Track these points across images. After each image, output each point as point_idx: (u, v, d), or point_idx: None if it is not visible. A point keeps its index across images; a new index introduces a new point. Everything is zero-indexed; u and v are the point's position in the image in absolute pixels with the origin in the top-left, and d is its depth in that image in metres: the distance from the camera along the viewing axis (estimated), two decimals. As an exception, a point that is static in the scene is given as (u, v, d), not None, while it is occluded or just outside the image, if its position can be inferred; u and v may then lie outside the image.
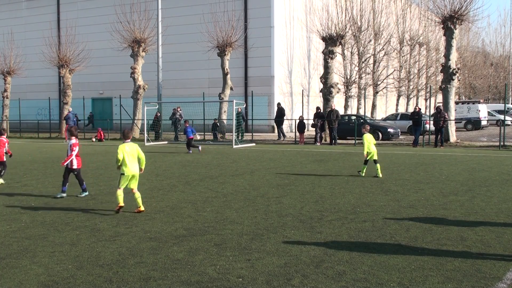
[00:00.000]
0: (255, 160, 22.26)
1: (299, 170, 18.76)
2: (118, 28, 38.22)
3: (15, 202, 12.91)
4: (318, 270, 7.41)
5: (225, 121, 36.45)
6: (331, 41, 33.60)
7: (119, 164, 11.44)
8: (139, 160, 11.62)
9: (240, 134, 33.45)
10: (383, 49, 47.96)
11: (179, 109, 35.75)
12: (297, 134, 32.97)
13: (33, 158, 24.23)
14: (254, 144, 31.37)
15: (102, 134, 36.82)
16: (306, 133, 33.42)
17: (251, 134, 35.61)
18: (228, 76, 36.51)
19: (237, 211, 11.49)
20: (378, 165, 16.97)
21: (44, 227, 10.16)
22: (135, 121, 38.18)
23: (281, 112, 35.47)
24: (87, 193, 13.85)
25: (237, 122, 32.24)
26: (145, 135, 32.70)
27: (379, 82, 47.12)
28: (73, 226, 10.21)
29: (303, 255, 8.14)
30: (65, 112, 39.65)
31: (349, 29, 39.56)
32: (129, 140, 11.69)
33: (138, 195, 11.46)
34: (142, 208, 11.46)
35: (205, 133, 36.59)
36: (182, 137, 35.65)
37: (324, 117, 32.25)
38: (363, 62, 45.02)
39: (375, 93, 47.32)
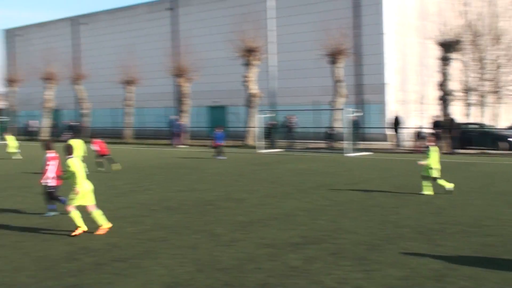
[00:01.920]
0: (369, 169, 21.88)
1: (416, 180, 18.16)
2: (232, 37, 39.12)
3: (137, 205, 13.53)
4: (439, 284, 7.14)
5: (338, 130, 36.15)
6: (447, 46, 32.39)
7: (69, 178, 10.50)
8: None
9: (353, 142, 33.01)
10: (506, 55, 45.49)
11: (292, 117, 35.95)
12: (414, 143, 32.04)
13: (153, 163, 25.29)
14: (368, 153, 30.88)
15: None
16: (422, 142, 32.34)
17: (364, 142, 35.06)
18: (340, 84, 36.23)
19: (352, 220, 11.33)
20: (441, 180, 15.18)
21: (166, 230, 10.56)
22: (249, 129, 38.81)
23: (397, 120, 34.76)
24: (54, 214, 12.27)
25: (350, 130, 31.88)
26: (259, 143, 33.16)
27: (501, 89, 44.73)
28: (193, 230, 10.54)
29: (423, 268, 7.87)
30: (177, 119, 41.30)
31: (466, 34, 37.97)
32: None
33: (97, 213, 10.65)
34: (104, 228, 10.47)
35: (318, 142, 36.49)
36: (297, 145, 35.80)
37: (441, 125, 31.10)
38: (483, 68, 42.99)
39: (498, 100, 44.95)
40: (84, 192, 10.40)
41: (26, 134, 53.11)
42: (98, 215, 10.45)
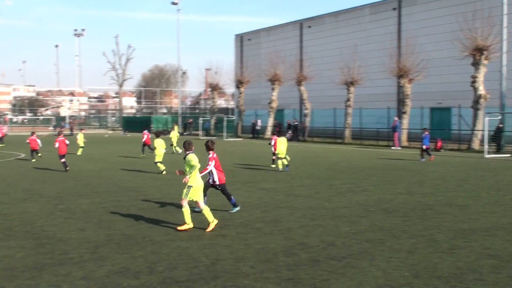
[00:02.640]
0: None
1: None
2: (459, 36, 37.24)
3: (354, 205, 13.55)
4: None
5: None
6: None
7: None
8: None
9: None
10: None
11: (523, 120, 33.11)
12: None
13: (371, 164, 25.15)
14: None
15: (440, 144, 36.20)
16: None
17: None
18: None
19: None
20: None
21: (382, 232, 10.42)
22: (475, 132, 36.65)
23: None
24: (238, 208, 12.53)
25: None
26: (486, 147, 31.15)
27: None
28: (410, 234, 10.24)
29: None
30: (395, 120, 40.51)
31: None
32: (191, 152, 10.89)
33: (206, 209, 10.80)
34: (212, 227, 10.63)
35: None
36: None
37: None
38: None
39: None
40: (197, 188, 10.71)
41: (252, 132, 56.55)
42: (207, 212, 10.70)
